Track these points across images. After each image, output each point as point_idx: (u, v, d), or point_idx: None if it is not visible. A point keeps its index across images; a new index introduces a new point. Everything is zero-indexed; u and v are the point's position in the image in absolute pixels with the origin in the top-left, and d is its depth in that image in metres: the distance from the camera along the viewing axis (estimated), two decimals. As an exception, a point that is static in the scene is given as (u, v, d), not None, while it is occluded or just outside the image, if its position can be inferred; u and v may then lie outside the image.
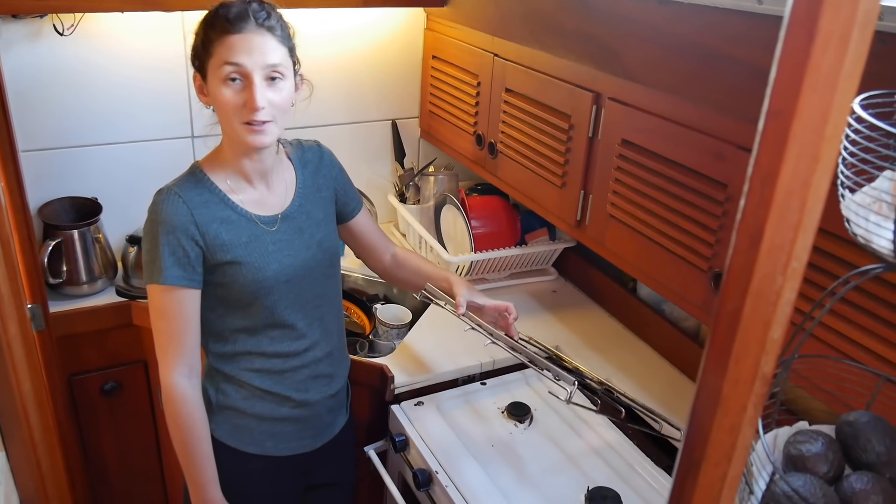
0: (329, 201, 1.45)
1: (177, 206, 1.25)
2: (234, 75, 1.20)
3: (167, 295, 1.25)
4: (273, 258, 1.31)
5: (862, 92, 0.70)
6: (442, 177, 2.27)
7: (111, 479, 2.02)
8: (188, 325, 1.28)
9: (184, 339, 1.28)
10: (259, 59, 1.20)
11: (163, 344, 1.29)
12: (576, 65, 1.54)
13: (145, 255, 1.27)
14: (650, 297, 1.88)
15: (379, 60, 2.22)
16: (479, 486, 1.41)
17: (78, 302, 1.85)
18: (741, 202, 0.47)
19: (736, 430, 0.51)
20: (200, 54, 1.24)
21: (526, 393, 1.72)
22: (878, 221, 0.66)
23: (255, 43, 1.21)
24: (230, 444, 1.37)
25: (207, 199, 1.28)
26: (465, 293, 1.47)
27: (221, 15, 1.22)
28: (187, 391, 1.29)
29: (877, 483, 0.73)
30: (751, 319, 0.47)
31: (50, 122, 1.87)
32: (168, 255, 1.24)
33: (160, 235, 1.24)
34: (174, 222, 1.24)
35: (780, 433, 0.84)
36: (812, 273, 1.05)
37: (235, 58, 1.20)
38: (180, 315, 1.27)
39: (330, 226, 1.44)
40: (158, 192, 1.28)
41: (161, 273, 1.24)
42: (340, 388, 1.48)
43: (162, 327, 1.28)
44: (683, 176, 1.30)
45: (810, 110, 0.42)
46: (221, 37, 1.21)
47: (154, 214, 1.26)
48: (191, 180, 1.29)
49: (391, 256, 1.58)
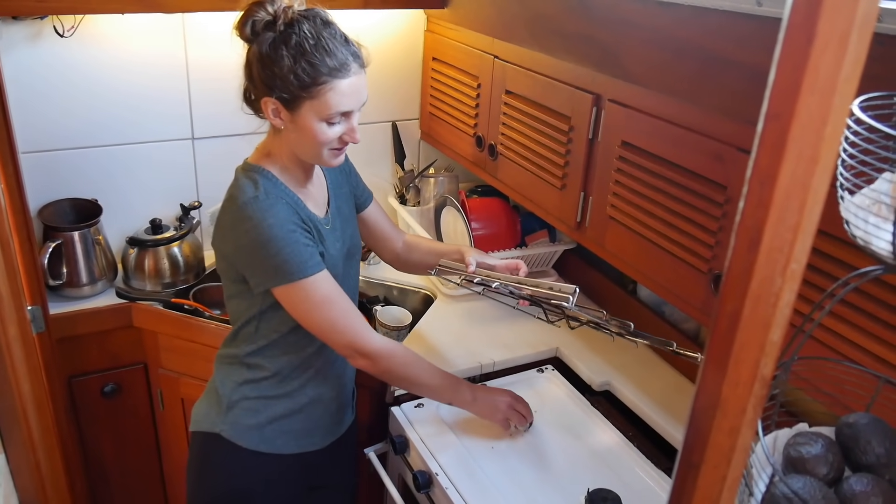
0: (350, 196, 1.50)
1: (286, 209, 1.25)
2: (337, 119, 1.24)
3: (322, 282, 1.27)
4: (336, 256, 1.37)
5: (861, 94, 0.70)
6: (442, 178, 2.27)
7: (111, 481, 2.02)
8: (346, 296, 1.32)
9: (355, 308, 1.34)
10: (361, 100, 1.26)
11: (347, 323, 1.31)
12: (576, 67, 1.54)
13: (272, 259, 1.23)
14: (650, 299, 1.88)
15: (379, 62, 2.22)
16: (479, 488, 1.41)
17: (78, 304, 1.85)
18: (740, 204, 0.47)
19: (735, 432, 0.51)
20: (293, 89, 1.20)
21: (526, 394, 1.71)
22: (878, 223, 0.66)
23: (359, 87, 1.25)
24: (240, 444, 1.38)
25: (288, 201, 1.29)
26: (474, 255, 1.53)
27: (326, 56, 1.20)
28: (393, 343, 1.38)
29: (877, 485, 0.73)
30: (750, 321, 0.47)
31: (50, 123, 1.87)
32: (302, 248, 1.25)
33: (286, 236, 1.23)
34: (290, 218, 1.25)
35: (779, 435, 0.84)
36: (811, 275, 1.05)
37: (346, 107, 1.23)
38: (338, 291, 1.30)
39: (355, 221, 1.50)
40: (253, 199, 1.24)
41: (305, 266, 1.25)
42: (348, 385, 1.51)
43: (335, 312, 1.29)
44: (683, 178, 1.30)
45: (809, 112, 0.42)
46: (330, 82, 1.20)
47: (266, 220, 1.22)
48: (272, 184, 1.28)
49: (402, 243, 1.63)
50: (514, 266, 1.51)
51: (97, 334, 1.86)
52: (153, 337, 1.89)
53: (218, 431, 1.38)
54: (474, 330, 1.89)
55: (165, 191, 2.06)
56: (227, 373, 1.40)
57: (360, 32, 2.19)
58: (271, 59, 1.20)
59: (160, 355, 1.91)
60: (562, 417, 1.64)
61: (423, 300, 2.08)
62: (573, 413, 1.66)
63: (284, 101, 1.22)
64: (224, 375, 1.41)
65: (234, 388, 1.38)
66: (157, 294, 1.90)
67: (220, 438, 1.38)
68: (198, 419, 1.43)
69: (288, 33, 1.19)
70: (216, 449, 1.40)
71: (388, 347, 1.35)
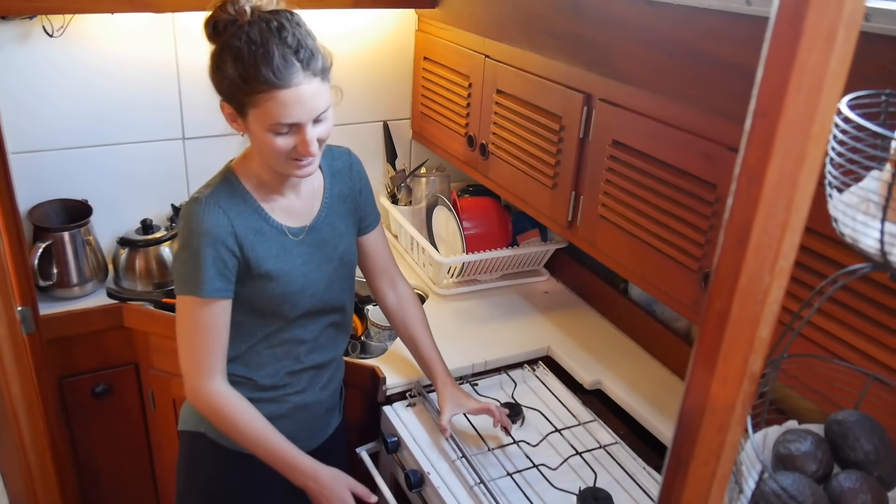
0: (352, 213, 1.44)
1: (217, 217, 1.21)
2: (284, 129, 1.16)
3: (205, 307, 1.23)
4: (299, 272, 1.31)
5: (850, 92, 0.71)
6: (433, 178, 2.27)
7: (102, 482, 2.01)
8: (221, 334, 1.27)
9: (222, 349, 1.27)
10: (311, 112, 1.16)
11: (195, 355, 1.26)
12: (567, 66, 1.55)
13: (181, 265, 1.23)
14: (641, 298, 1.89)
15: (370, 62, 2.22)
16: (471, 487, 1.41)
17: (68, 304, 1.84)
18: (729, 201, 0.47)
19: (724, 428, 0.51)
20: (237, 95, 1.16)
21: (518, 393, 1.72)
22: (866, 221, 0.67)
23: (305, 96, 1.14)
24: (224, 444, 1.37)
25: (243, 209, 1.25)
26: (449, 410, 1.48)
27: (262, 64, 1.11)
28: (233, 393, 1.29)
29: (865, 482, 0.73)
30: (739, 318, 0.48)
31: (40, 124, 1.86)
32: (210, 266, 1.21)
33: (203, 247, 1.20)
34: (216, 233, 1.21)
35: (769, 432, 0.84)
36: (800, 273, 1.06)
37: (288, 118, 1.14)
38: (215, 326, 1.25)
39: (351, 238, 1.44)
40: (194, 200, 1.23)
41: (202, 285, 1.21)
42: (336, 388, 1.50)
43: (195, 339, 1.26)
44: (673, 177, 1.31)
45: (796, 109, 0.43)
46: (268, 91, 1.12)
47: (193, 224, 1.21)
48: (226, 188, 1.26)
49: (396, 300, 1.55)
50: (484, 411, 1.49)
51: (88, 335, 1.85)
52: (144, 337, 1.88)
53: (203, 431, 1.38)
54: (466, 328, 1.89)
55: (156, 191, 2.05)
56: None
57: (351, 33, 2.19)
58: (218, 62, 1.16)
59: (151, 356, 1.90)
60: (553, 416, 1.65)
61: (415, 300, 2.08)
62: (564, 412, 1.66)
63: (235, 107, 1.18)
64: None
65: None
66: (147, 294, 1.89)
67: (205, 438, 1.38)
68: (185, 418, 1.43)
69: (235, 37, 1.13)
70: (202, 448, 1.40)
71: (225, 396, 1.27)
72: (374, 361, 1.71)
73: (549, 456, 1.51)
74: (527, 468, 1.47)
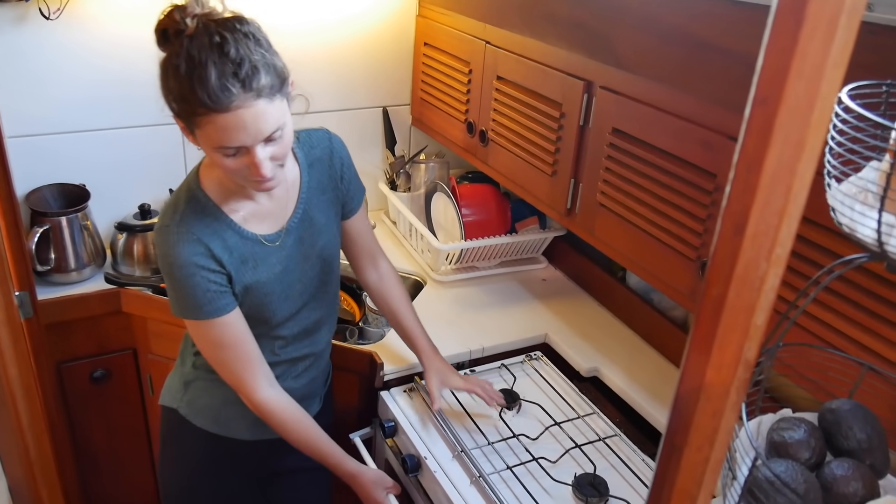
0: (333, 202, 1.38)
1: (192, 246, 1.16)
2: (231, 152, 1.08)
3: (216, 327, 1.22)
4: (278, 278, 1.28)
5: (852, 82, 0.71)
6: (433, 164, 2.26)
7: (100, 466, 2.02)
8: (247, 341, 1.25)
9: (252, 356, 1.26)
10: (256, 135, 1.06)
11: (234, 368, 1.26)
12: (567, 53, 1.54)
13: (173, 292, 1.21)
14: (639, 287, 1.89)
15: (370, 47, 2.21)
16: (468, 472, 1.42)
17: (66, 289, 1.84)
18: (727, 188, 0.47)
19: (718, 414, 0.51)
20: (181, 113, 1.08)
21: (517, 386, 1.72)
22: (863, 211, 0.67)
23: (247, 119, 1.04)
24: (195, 423, 1.38)
25: (215, 228, 1.20)
26: (436, 387, 1.50)
27: (198, 86, 1.02)
28: (279, 399, 1.30)
29: (857, 469, 0.74)
30: (735, 305, 0.48)
31: (37, 107, 1.85)
32: (201, 293, 1.18)
33: (186, 277, 1.17)
34: (196, 261, 1.17)
35: (763, 420, 0.85)
36: (797, 262, 1.06)
37: (231, 142, 1.06)
38: (236, 337, 1.24)
39: (332, 229, 1.38)
40: (164, 228, 1.18)
41: (200, 310, 1.20)
42: (316, 377, 1.47)
43: (225, 355, 1.25)
44: (673, 165, 1.30)
45: (796, 97, 0.43)
46: (207, 115, 1.03)
47: (171, 257, 1.16)
48: (195, 208, 1.19)
49: (377, 277, 1.54)
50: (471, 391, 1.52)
51: (86, 320, 1.85)
52: (142, 322, 1.88)
53: (176, 407, 1.40)
54: (464, 315, 1.90)
55: (154, 175, 2.04)
56: (187, 350, 1.40)
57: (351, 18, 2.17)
58: (164, 76, 1.09)
59: (150, 341, 1.90)
60: (550, 404, 1.65)
61: (413, 286, 2.09)
62: (561, 399, 1.67)
63: (184, 123, 1.11)
64: (184, 352, 1.42)
65: (190, 365, 1.39)
66: (146, 280, 1.89)
67: (178, 415, 1.39)
68: (164, 393, 1.45)
69: (176, 53, 1.06)
70: (175, 425, 1.41)
71: (272, 405, 1.28)
72: (371, 347, 1.71)
73: (545, 443, 1.52)
74: (523, 454, 1.48)
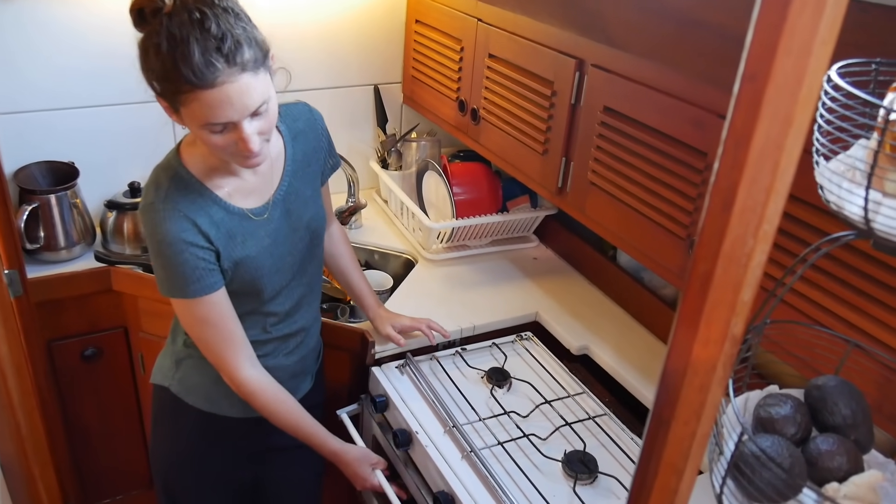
0: (317, 175, 1.39)
1: (179, 223, 1.16)
2: (218, 128, 1.09)
3: (202, 305, 1.22)
4: (267, 252, 1.28)
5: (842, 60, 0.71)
6: (424, 143, 2.26)
7: (92, 443, 2.03)
8: (231, 321, 1.26)
9: (235, 336, 1.27)
10: (242, 109, 1.07)
11: (217, 347, 1.27)
12: (559, 31, 1.53)
13: (160, 270, 1.20)
14: (630, 265, 1.90)
15: (361, 24, 2.19)
16: (458, 447, 1.43)
17: (56, 268, 1.83)
18: (715, 164, 0.47)
19: (705, 389, 0.52)
20: (165, 92, 1.08)
21: (508, 365, 1.73)
22: (851, 188, 0.67)
23: (233, 94, 1.05)
24: (187, 401, 1.39)
25: (200, 203, 1.20)
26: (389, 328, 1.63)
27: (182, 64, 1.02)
28: (261, 379, 1.31)
29: (842, 444, 0.75)
30: (722, 281, 0.48)
31: (25, 84, 1.83)
32: (190, 270, 1.18)
33: (175, 255, 1.17)
34: (183, 238, 1.16)
35: (750, 396, 0.86)
36: (785, 240, 1.07)
37: (218, 118, 1.07)
38: (222, 315, 1.25)
39: (317, 201, 1.39)
40: (149, 206, 1.17)
41: (187, 288, 1.20)
42: (306, 354, 1.48)
43: (210, 334, 1.26)
44: (664, 144, 1.31)
45: (785, 74, 0.43)
46: (192, 92, 1.04)
47: (158, 234, 1.16)
48: (179, 185, 1.19)
49: (329, 240, 1.55)
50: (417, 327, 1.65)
51: (76, 298, 1.84)
52: (133, 301, 1.88)
53: (168, 385, 1.40)
54: (455, 294, 1.90)
55: (144, 153, 2.01)
56: (178, 329, 1.40)
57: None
58: (144, 56, 1.08)
59: (140, 319, 1.90)
60: (540, 383, 1.67)
61: (404, 264, 2.09)
62: (552, 379, 1.68)
63: (168, 103, 1.10)
64: (175, 330, 1.42)
65: (181, 344, 1.39)
66: (136, 258, 1.89)
67: (169, 393, 1.40)
68: (155, 371, 1.45)
69: (156, 31, 1.04)
70: (167, 403, 1.42)
71: (253, 384, 1.30)
72: (362, 325, 1.71)
73: (535, 421, 1.54)
74: (514, 432, 1.50)
